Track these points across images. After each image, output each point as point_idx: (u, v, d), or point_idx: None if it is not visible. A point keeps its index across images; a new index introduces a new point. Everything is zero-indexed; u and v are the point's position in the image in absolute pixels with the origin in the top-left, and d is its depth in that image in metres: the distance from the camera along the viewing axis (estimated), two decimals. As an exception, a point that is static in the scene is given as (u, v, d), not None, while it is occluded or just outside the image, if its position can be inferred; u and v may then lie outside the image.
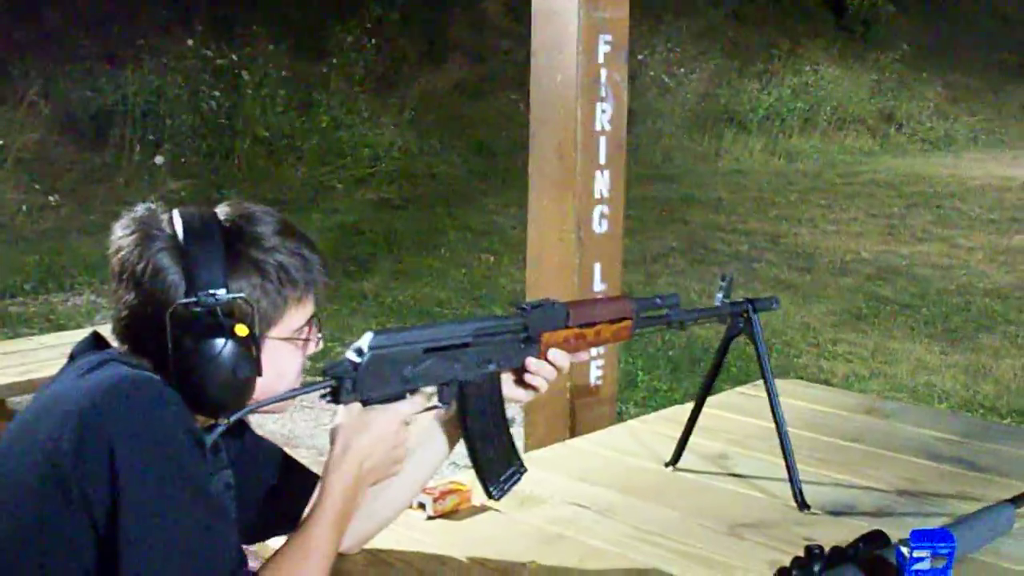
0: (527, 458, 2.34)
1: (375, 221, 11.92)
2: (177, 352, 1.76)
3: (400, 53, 15.74)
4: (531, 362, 2.25)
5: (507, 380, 2.26)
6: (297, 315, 1.91)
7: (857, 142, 18.83)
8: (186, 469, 1.68)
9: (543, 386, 2.28)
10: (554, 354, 2.27)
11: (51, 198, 11.34)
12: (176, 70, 13.08)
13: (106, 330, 1.93)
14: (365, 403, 1.97)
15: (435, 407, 2.12)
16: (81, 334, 1.99)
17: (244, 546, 1.94)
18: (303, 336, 1.94)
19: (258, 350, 1.82)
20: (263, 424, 5.40)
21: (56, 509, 1.65)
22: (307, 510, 1.93)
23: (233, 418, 1.81)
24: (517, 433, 4.76)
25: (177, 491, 1.66)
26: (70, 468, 1.64)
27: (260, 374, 1.82)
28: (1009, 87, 22.58)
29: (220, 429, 1.80)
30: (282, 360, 1.91)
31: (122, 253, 1.82)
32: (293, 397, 1.93)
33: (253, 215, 1.89)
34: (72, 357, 1.86)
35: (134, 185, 11.93)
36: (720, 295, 2.73)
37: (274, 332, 1.88)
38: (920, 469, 3.04)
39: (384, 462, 1.99)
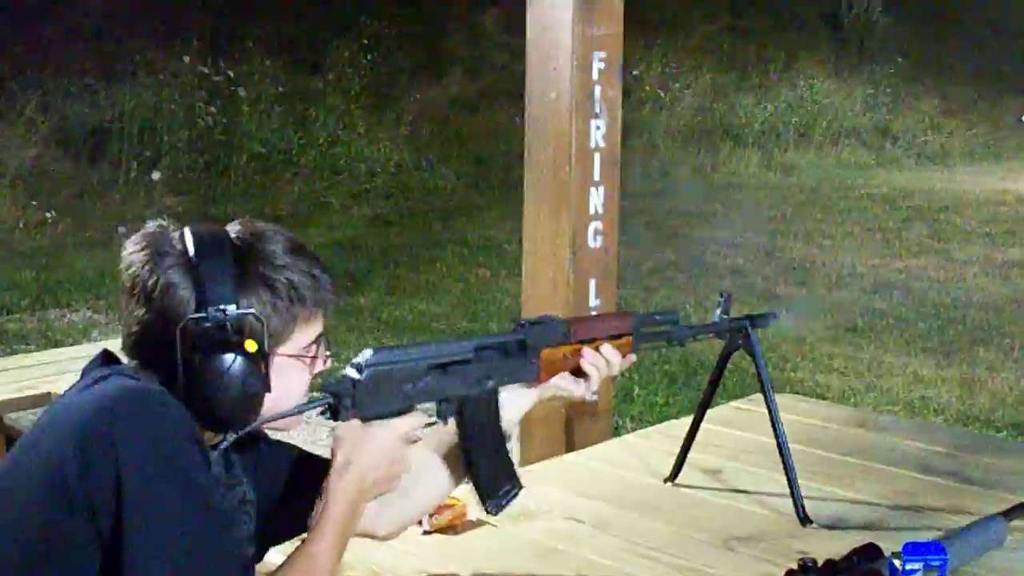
0: (523, 472, 2.35)
1: (371, 236, 11.93)
2: (187, 367, 1.77)
3: (396, 68, 15.76)
4: (587, 351, 2.32)
5: (564, 375, 2.32)
6: (306, 333, 1.92)
7: (853, 156, 18.83)
8: (191, 478, 1.69)
9: (596, 375, 2.34)
10: (606, 349, 2.35)
11: (48, 214, 11.36)
12: (172, 86, 13.10)
13: (111, 346, 1.94)
14: (364, 419, 1.98)
15: (434, 423, 2.12)
16: (78, 350, 2.01)
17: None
18: (311, 354, 1.95)
19: (267, 366, 1.83)
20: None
21: (61, 519, 1.66)
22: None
23: (237, 435, 1.82)
24: (513, 448, 4.76)
25: (182, 500, 1.67)
26: (75, 478, 1.64)
27: (269, 390, 1.83)
28: (1005, 100, 22.58)
29: (223, 446, 1.81)
30: (290, 377, 1.91)
31: (133, 269, 1.82)
32: (294, 414, 1.92)
33: (264, 233, 1.90)
34: (82, 374, 1.87)
35: (131, 201, 11.95)
36: (719, 311, 2.75)
37: (283, 349, 1.89)
38: (913, 482, 3.06)
39: (384, 477, 1.99)
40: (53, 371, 5.03)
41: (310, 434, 6.18)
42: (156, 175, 12.36)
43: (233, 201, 12.57)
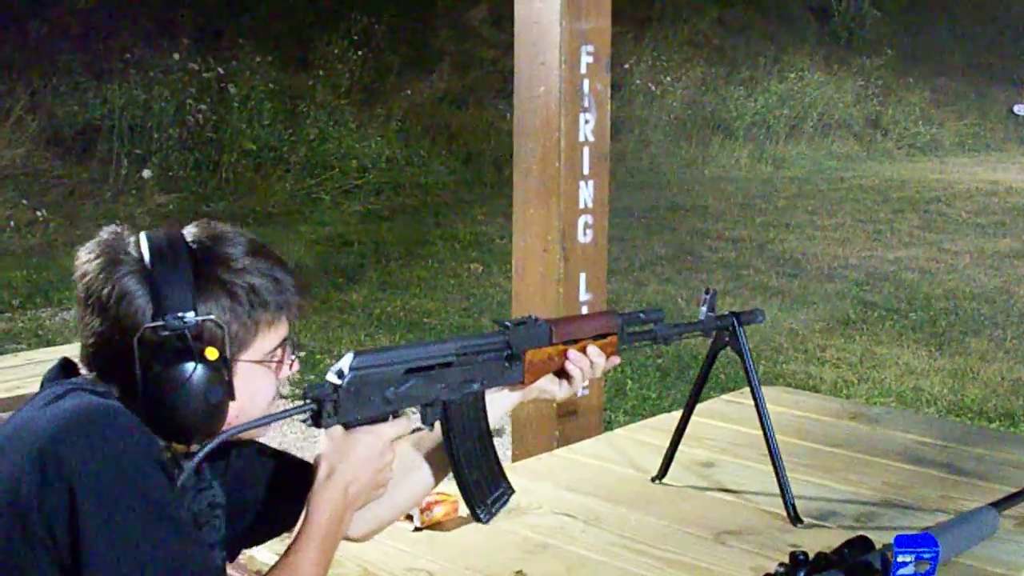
0: (514, 468, 2.34)
1: (363, 232, 11.91)
2: (146, 378, 1.73)
3: (386, 64, 15.74)
4: (572, 353, 2.28)
5: (547, 377, 2.28)
6: (270, 337, 1.87)
7: (843, 148, 18.85)
8: (150, 497, 1.64)
9: (580, 378, 2.30)
10: (591, 350, 2.31)
11: (38, 213, 11.33)
12: (162, 84, 13.07)
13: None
14: (347, 426, 1.94)
15: (419, 429, 2.08)
16: (69, 349, 1.97)
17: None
18: (276, 359, 1.89)
19: (230, 374, 1.78)
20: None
21: (19, 546, 1.62)
22: (294, 534, 1.90)
23: (209, 447, 1.75)
24: (504, 443, 4.77)
25: (141, 521, 1.63)
26: (32, 504, 1.61)
27: (233, 398, 1.79)
28: (994, 91, 22.63)
29: (196, 459, 1.74)
30: (255, 383, 1.86)
31: (87, 278, 1.78)
32: (272, 422, 1.88)
33: (222, 235, 1.85)
34: (42, 385, 1.84)
35: (122, 199, 11.93)
36: (705, 308, 2.71)
37: (246, 355, 1.84)
38: (904, 474, 3.06)
39: (369, 485, 1.96)
40: (44, 370, 5.01)
41: (302, 429, 6.17)
42: (147, 173, 12.34)
43: (224, 198, 12.56)
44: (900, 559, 2.14)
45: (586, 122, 4.06)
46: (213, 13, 14.72)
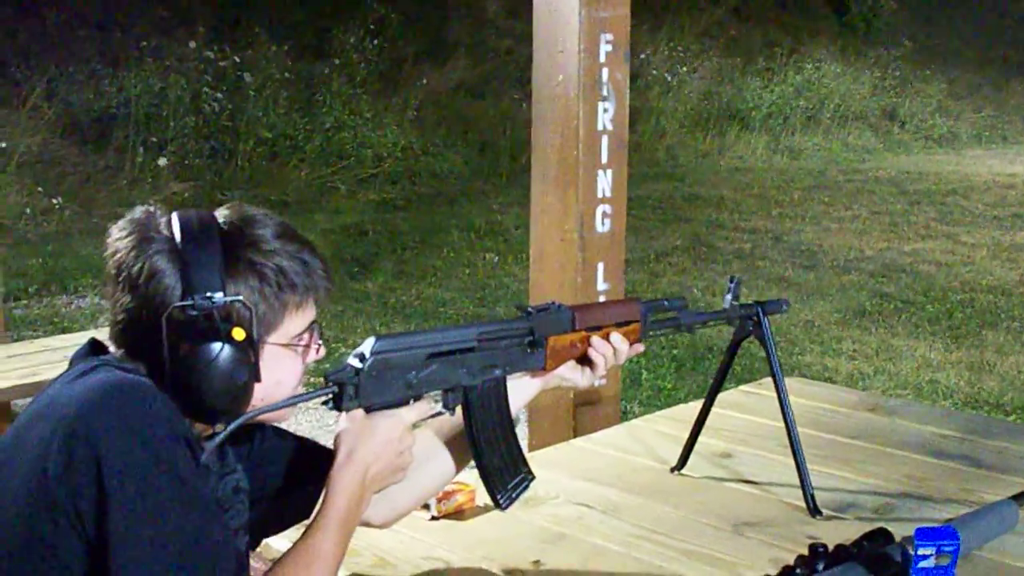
0: (531, 458, 2.33)
1: (378, 221, 11.92)
2: (173, 356, 1.73)
3: (402, 53, 15.73)
4: (595, 340, 2.27)
5: (569, 364, 2.28)
6: (297, 321, 1.87)
7: (860, 140, 18.80)
8: (175, 473, 1.64)
9: (603, 365, 2.30)
10: (614, 337, 2.30)
11: (54, 201, 11.35)
12: (178, 72, 13.07)
13: (106, 335, 1.89)
14: (368, 409, 1.94)
15: (439, 413, 2.08)
16: (85, 336, 1.96)
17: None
18: (303, 342, 1.90)
19: (256, 355, 1.78)
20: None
21: (44, 520, 1.62)
22: (312, 516, 1.90)
23: (231, 427, 1.76)
24: (521, 433, 4.76)
25: (166, 496, 1.63)
26: (58, 478, 1.61)
27: (259, 379, 1.78)
28: (1012, 84, 22.54)
29: (218, 439, 1.75)
30: (281, 366, 1.86)
31: (118, 255, 1.78)
32: (294, 404, 1.88)
33: (253, 218, 1.85)
34: (70, 364, 1.83)
35: (137, 187, 11.94)
36: (729, 297, 2.68)
37: (273, 338, 1.84)
38: (923, 467, 3.04)
39: (389, 468, 1.95)
40: (60, 357, 5.02)
41: (317, 419, 6.18)
42: (162, 161, 12.35)
43: (239, 187, 12.57)
44: (921, 552, 2.12)
45: (605, 111, 4.04)
46: (229, 2, 14.73)
